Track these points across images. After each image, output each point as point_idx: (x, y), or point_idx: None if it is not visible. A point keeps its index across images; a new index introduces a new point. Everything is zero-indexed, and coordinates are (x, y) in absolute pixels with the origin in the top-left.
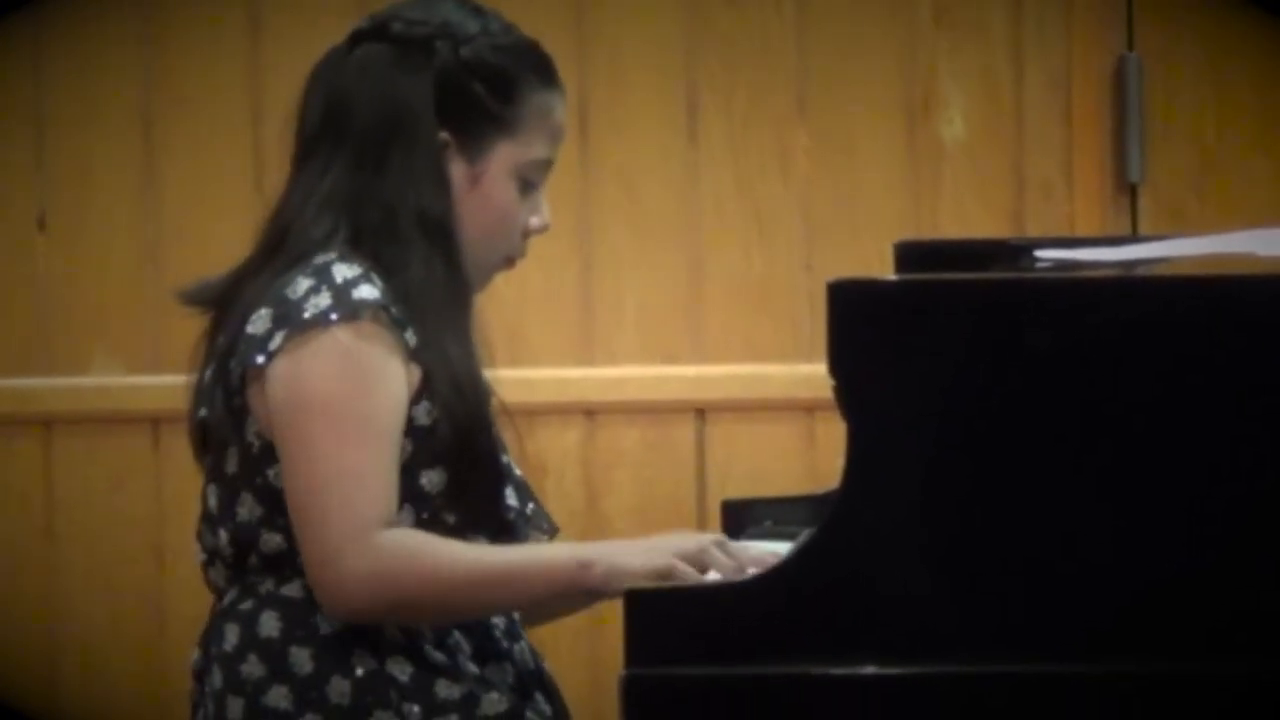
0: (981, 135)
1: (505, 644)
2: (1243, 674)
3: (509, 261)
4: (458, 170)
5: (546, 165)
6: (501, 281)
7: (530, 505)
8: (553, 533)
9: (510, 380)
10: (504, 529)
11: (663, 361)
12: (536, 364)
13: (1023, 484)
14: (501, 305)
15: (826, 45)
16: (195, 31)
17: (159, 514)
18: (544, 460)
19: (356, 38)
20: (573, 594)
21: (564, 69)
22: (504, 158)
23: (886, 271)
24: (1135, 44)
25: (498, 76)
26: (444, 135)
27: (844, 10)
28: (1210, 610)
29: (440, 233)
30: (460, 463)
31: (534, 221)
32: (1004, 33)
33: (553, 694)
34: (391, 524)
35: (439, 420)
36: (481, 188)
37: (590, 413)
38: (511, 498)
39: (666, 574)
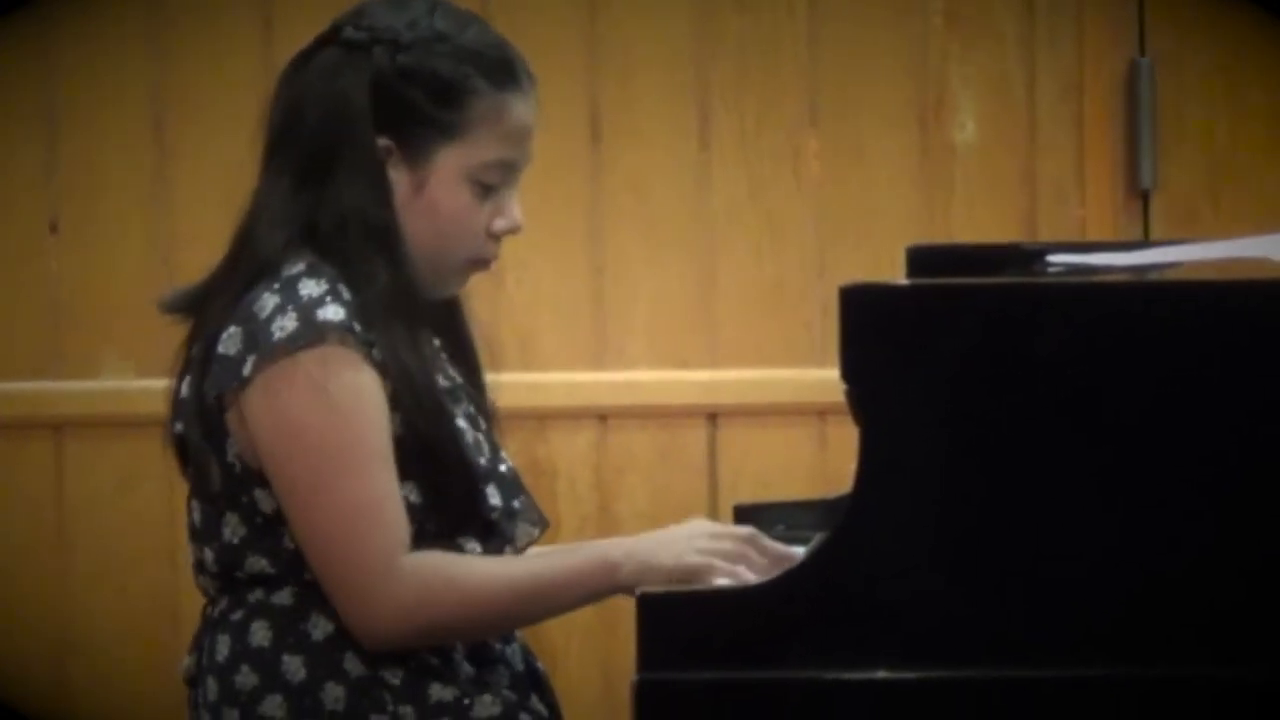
0: (993, 139)
1: (498, 646)
2: (1261, 678)
3: (479, 264)
4: (401, 177)
5: (505, 166)
6: (513, 286)
7: (517, 501)
8: (543, 526)
9: (522, 384)
10: (489, 529)
11: (674, 366)
12: (548, 368)
13: (1034, 488)
14: (513, 310)
15: (838, 50)
16: (206, 33)
17: (170, 516)
18: (555, 464)
19: (321, 41)
20: (605, 596)
21: (575, 75)
22: (450, 162)
23: (898, 276)
24: (1147, 48)
25: (438, 81)
26: (385, 142)
27: (855, 15)
28: (1230, 615)
29: (383, 241)
30: (430, 472)
31: (498, 224)
32: (1015, 37)
33: (546, 693)
34: (409, 548)
35: (405, 432)
36: (427, 193)
37: (602, 417)
38: (495, 496)
39: (701, 574)
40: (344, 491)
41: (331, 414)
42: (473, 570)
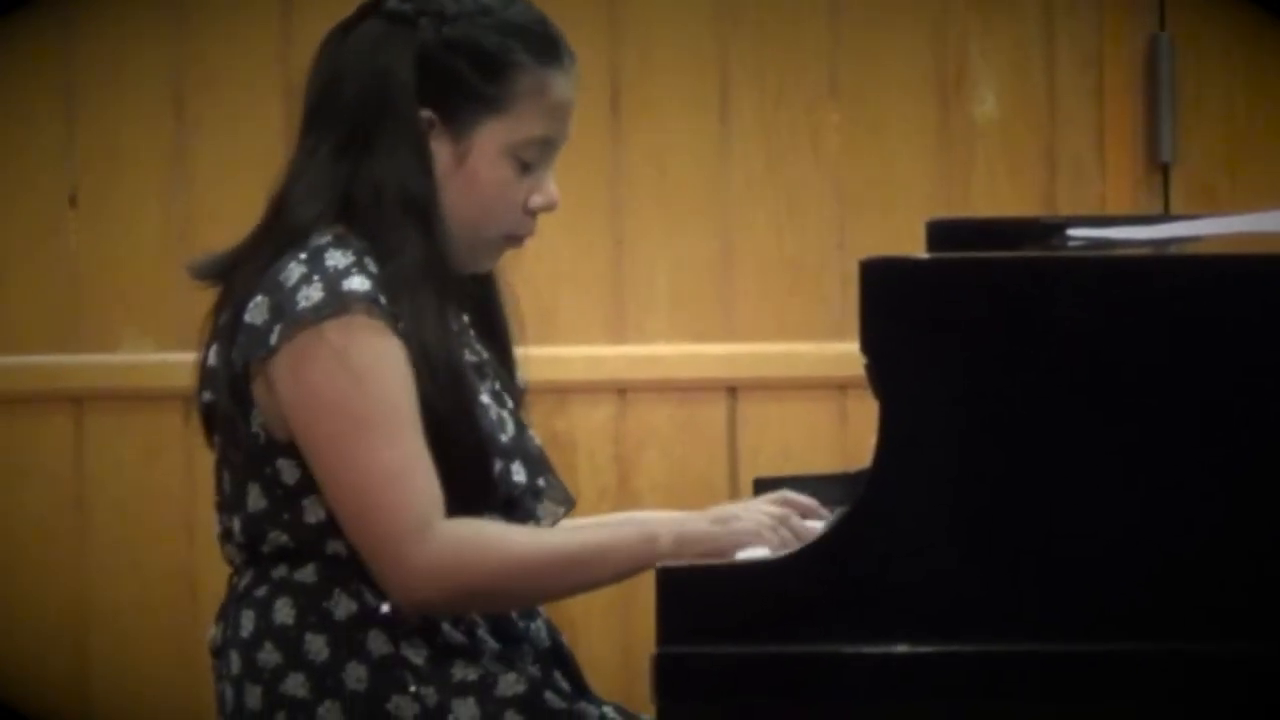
0: (1013, 114)
1: (522, 624)
2: (1271, 654)
3: (514, 240)
4: (443, 149)
5: (545, 143)
6: (533, 260)
7: (542, 480)
8: (569, 505)
9: (542, 358)
10: (511, 506)
11: (694, 340)
12: (568, 342)
13: (1054, 462)
14: (533, 283)
15: (858, 24)
16: (226, 9)
17: (189, 490)
18: (575, 438)
19: (362, 13)
20: (644, 569)
21: (596, 48)
22: (493, 136)
23: (918, 250)
24: (1166, 24)
25: (485, 55)
26: (427, 114)
27: None
28: (1245, 593)
29: (420, 213)
30: (444, 447)
31: (536, 200)
32: (1036, 12)
33: (570, 668)
34: (444, 512)
35: (422, 406)
36: (468, 167)
37: (622, 391)
38: (519, 473)
39: (742, 547)
40: (371, 457)
41: (354, 381)
42: (512, 537)
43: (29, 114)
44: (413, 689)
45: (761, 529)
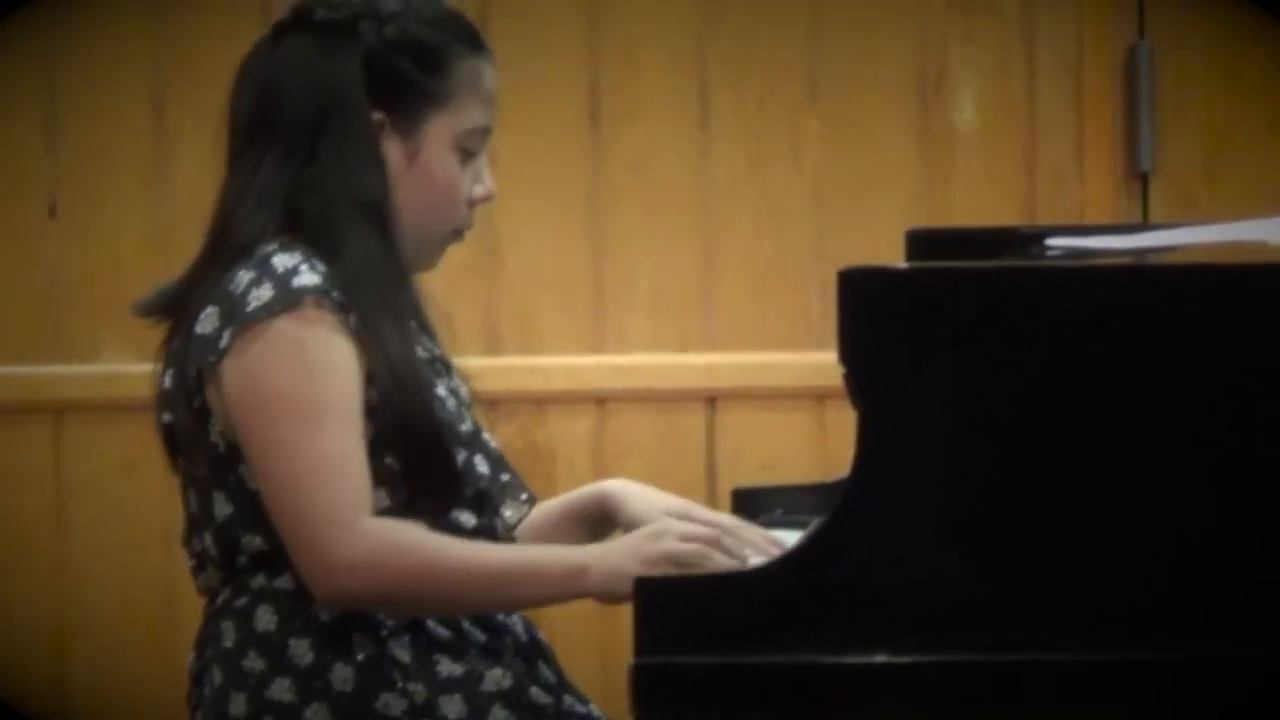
0: (993, 122)
1: (500, 617)
2: (1256, 660)
3: (458, 234)
4: (394, 149)
5: (484, 133)
6: (513, 268)
7: (505, 475)
8: (531, 502)
9: (522, 368)
10: (480, 500)
11: (674, 349)
12: (548, 352)
13: (1033, 472)
14: (513, 292)
15: (839, 31)
16: (207, 18)
17: (169, 500)
18: (555, 448)
19: (280, 30)
20: (570, 598)
21: (576, 54)
22: (440, 130)
23: (897, 259)
24: (1146, 31)
25: (424, 50)
26: (377, 116)
27: None
28: (1234, 596)
29: (376, 215)
30: (408, 443)
31: (478, 190)
32: (1016, 19)
33: (551, 661)
34: (372, 509)
35: (381, 403)
36: (420, 163)
37: (601, 401)
38: (483, 464)
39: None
40: (308, 446)
41: (301, 371)
42: (434, 543)
43: (8, 122)
44: (400, 685)
45: (697, 558)
